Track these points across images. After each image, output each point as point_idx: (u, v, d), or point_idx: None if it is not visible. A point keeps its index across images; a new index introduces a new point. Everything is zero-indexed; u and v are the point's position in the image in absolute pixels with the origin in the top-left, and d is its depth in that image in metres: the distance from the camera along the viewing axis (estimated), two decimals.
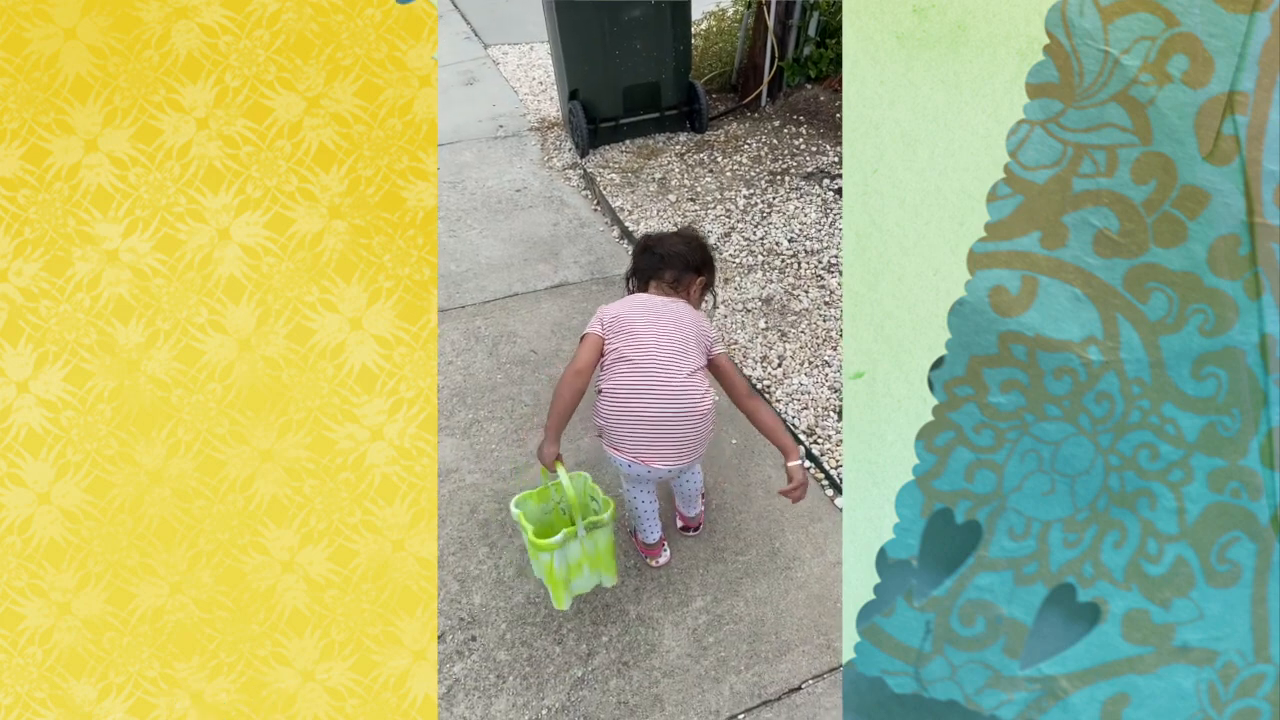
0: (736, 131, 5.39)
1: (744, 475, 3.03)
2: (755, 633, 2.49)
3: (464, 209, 4.76)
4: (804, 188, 4.78)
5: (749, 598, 2.60)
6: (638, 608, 2.57)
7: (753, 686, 2.35)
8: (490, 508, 2.90)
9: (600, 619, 2.53)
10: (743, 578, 2.67)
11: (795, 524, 2.84)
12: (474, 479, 3.01)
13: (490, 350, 3.65)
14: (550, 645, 2.46)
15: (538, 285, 4.11)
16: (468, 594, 2.61)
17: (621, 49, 4.98)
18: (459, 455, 3.11)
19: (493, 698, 2.32)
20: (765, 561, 2.72)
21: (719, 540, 2.80)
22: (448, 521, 2.85)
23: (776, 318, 3.82)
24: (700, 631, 2.50)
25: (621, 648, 2.46)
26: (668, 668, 2.40)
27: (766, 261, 4.19)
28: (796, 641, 2.47)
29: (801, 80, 5.61)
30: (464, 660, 2.41)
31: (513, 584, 2.64)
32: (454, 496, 2.94)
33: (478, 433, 3.21)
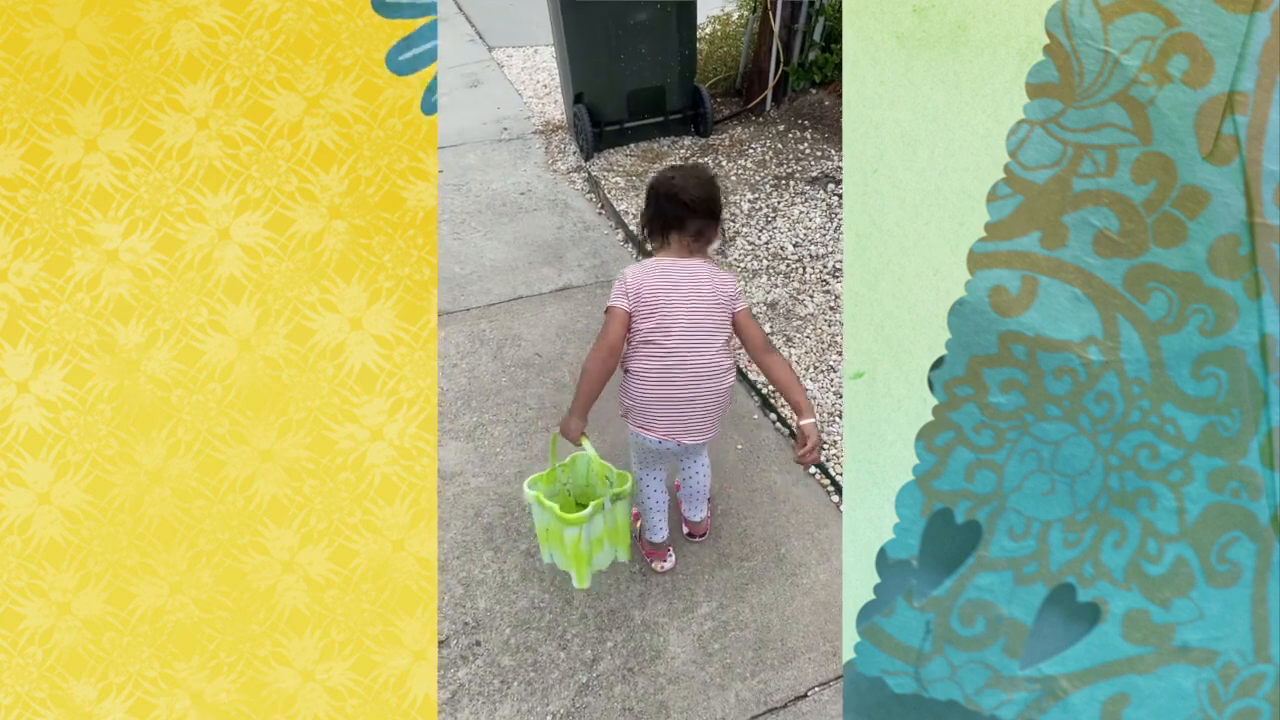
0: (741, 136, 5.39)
1: (749, 481, 3.03)
2: (761, 639, 2.49)
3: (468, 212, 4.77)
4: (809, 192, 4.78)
5: (755, 604, 2.60)
6: (643, 613, 2.56)
7: (758, 694, 2.35)
8: (494, 511, 2.89)
9: (605, 624, 2.53)
10: (748, 584, 2.66)
11: (801, 530, 2.83)
12: (478, 482, 3.00)
13: (495, 353, 3.65)
14: (555, 651, 2.45)
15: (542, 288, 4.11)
16: (472, 598, 2.61)
17: (627, 53, 4.99)
18: (463, 459, 3.11)
19: (497, 703, 2.32)
20: (771, 568, 2.71)
21: (724, 546, 2.79)
22: (452, 525, 2.84)
23: (782, 322, 3.82)
24: (705, 638, 2.49)
25: (626, 654, 2.45)
26: (673, 674, 2.40)
27: (771, 266, 4.19)
28: (802, 649, 2.46)
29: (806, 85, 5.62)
30: (468, 665, 2.41)
31: (517, 588, 2.63)
32: (458, 500, 2.94)
33: (482, 436, 3.21)
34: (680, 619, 2.55)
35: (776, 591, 2.63)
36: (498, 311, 3.93)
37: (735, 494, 2.98)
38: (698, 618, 2.56)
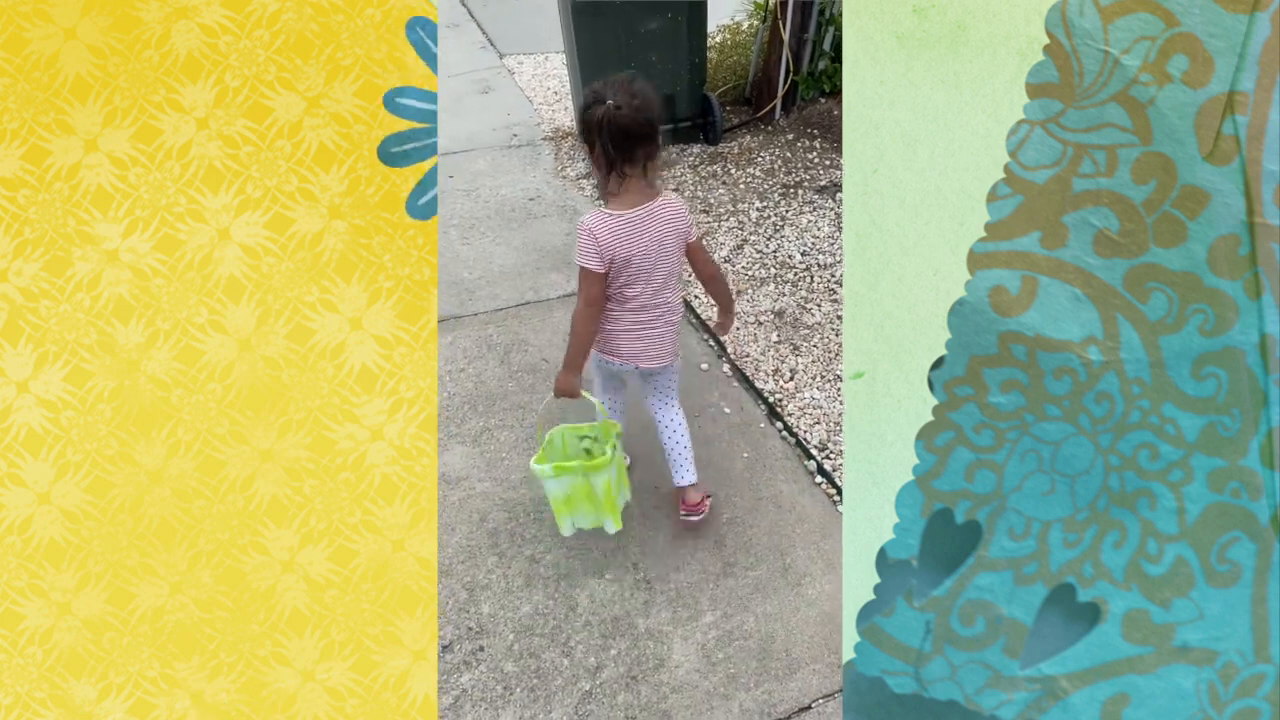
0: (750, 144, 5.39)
1: (755, 490, 3.02)
2: (765, 650, 2.48)
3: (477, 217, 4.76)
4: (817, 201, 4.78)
5: (759, 614, 2.58)
6: (646, 621, 2.55)
7: (762, 704, 2.34)
8: (500, 516, 2.89)
9: (609, 632, 2.52)
10: (753, 593, 2.65)
11: (807, 540, 2.82)
12: (484, 487, 3.00)
13: (502, 358, 3.65)
14: (558, 657, 2.45)
15: (550, 294, 4.11)
16: (476, 603, 2.60)
17: (637, 61, 4.98)
18: (469, 463, 3.10)
19: (499, 710, 2.31)
20: (776, 577, 2.70)
21: (729, 554, 2.78)
22: (457, 529, 2.84)
23: (789, 331, 3.81)
24: (710, 647, 2.48)
25: (630, 662, 2.44)
26: (676, 683, 2.39)
27: (779, 275, 4.18)
28: (807, 659, 2.45)
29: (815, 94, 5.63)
30: (471, 671, 2.40)
31: (521, 594, 2.63)
32: (464, 504, 2.93)
33: (488, 441, 3.20)
34: (684, 627, 2.54)
35: (781, 601, 2.62)
36: (505, 317, 3.93)
37: (740, 502, 2.97)
38: (702, 626, 2.55)
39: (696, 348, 3.74)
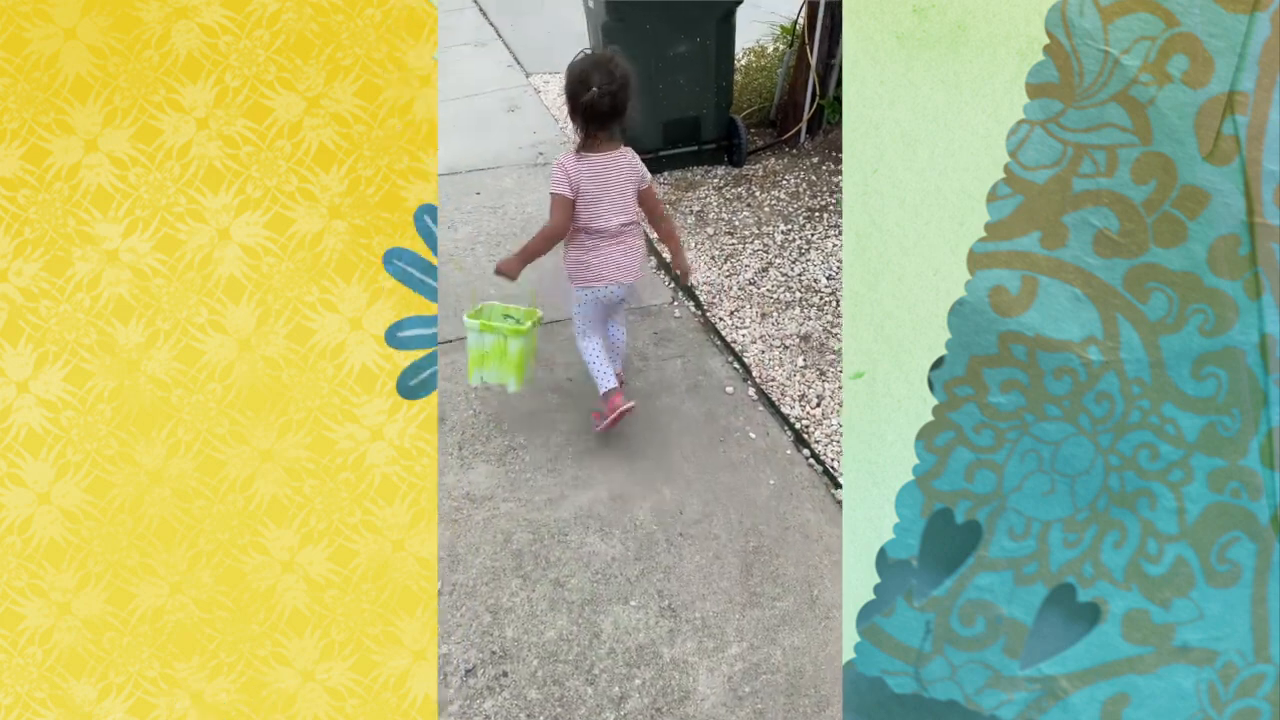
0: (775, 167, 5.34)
1: (782, 518, 2.95)
2: (793, 685, 2.42)
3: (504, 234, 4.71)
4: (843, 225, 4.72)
5: (786, 647, 2.52)
6: (671, 651, 2.50)
7: None
8: (524, 537, 2.84)
9: (633, 660, 2.47)
10: (780, 625, 2.59)
11: (835, 571, 2.75)
12: (508, 507, 2.95)
13: None
14: (582, 686, 2.40)
15: None
16: (500, 626, 2.56)
17: (665, 83, 4.95)
18: (494, 482, 3.06)
19: None
20: (804, 609, 2.64)
21: (755, 585, 2.71)
22: (480, 550, 2.79)
23: (815, 356, 3.74)
24: (736, 680, 2.43)
25: (655, 692, 2.39)
26: (703, 717, 2.33)
27: (804, 298, 4.12)
28: (836, 696, 2.38)
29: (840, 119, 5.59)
30: (494, 697, 2.36)
31: (545, 618, 2.58)
32: (488, 525, 2.89)
33: (513, 460, 3.16)
34: (710, 658, 2.49)
35: (809, 635, 2.55)
36: None
37: (767, 531, 2.90)
38: (728, 658, 2.49)
39: (720, 371, 3.68)
